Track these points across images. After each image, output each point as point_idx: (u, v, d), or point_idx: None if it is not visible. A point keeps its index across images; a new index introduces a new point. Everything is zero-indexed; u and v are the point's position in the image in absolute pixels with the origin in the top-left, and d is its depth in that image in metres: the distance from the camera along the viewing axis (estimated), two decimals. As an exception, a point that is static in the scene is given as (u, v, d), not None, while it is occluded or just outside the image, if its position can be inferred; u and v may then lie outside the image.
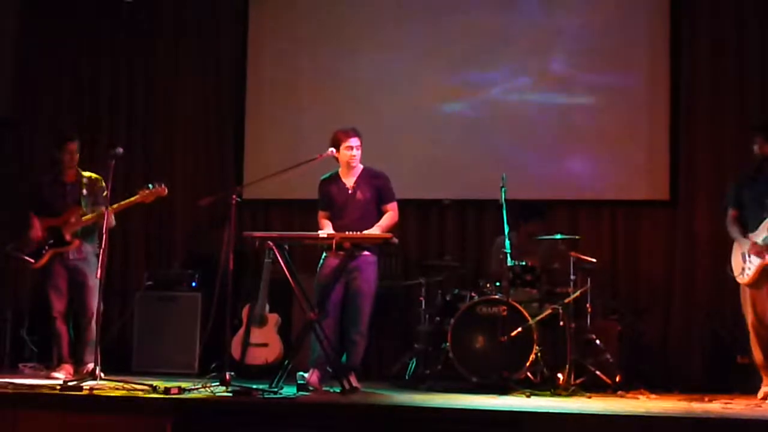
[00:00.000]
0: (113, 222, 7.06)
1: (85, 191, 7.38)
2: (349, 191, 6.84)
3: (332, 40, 8.94)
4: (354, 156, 6.81)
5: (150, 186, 7.19)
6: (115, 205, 7.11)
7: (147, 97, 9.25)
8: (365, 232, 6.63)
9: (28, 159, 9.21)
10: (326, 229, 6.70)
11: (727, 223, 6.77)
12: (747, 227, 6.60)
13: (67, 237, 7.28)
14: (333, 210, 6.86)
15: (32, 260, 7.30)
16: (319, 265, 6.81)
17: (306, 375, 6.52)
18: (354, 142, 6.80)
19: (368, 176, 6.88)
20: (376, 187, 6.85)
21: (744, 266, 6.52)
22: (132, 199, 7.21)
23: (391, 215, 6.84)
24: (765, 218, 6.44)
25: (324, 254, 6.80)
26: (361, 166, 6.93)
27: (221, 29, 9.21)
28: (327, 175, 6.97)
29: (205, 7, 9.24)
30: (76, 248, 7.31)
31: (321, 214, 6.93)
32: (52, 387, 6.09)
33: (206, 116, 9.17)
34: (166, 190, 7.23)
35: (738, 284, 6.70)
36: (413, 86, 8.75)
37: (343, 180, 6.88)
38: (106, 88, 9.28)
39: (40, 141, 9.15)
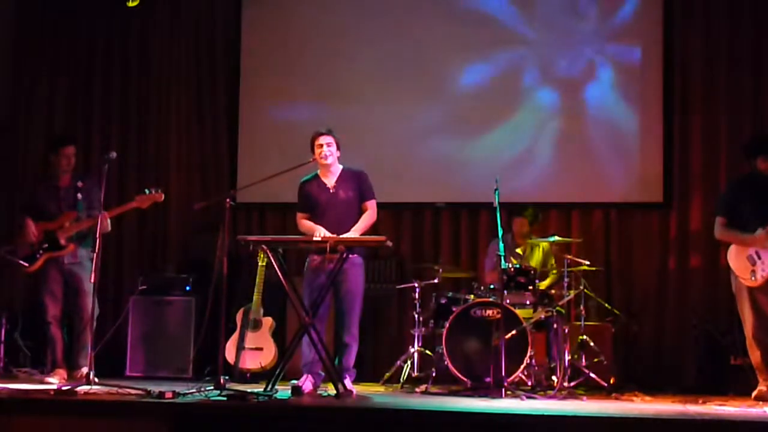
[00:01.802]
0: (109, 227, 7.04)
1: (80, 195, 7.36)
2: (331, 191, 6.81)
3: (327, 43, 8.95)
4: (324, 152, 6.77)
5: (146, 191, 7.17)
6: (111, 211, 7.10)
7: (141, 101, 9.24)
8: (347, 234, 6.62)
9: (21, 162, 9.20)
10: (316, 230, 6.65)
11: (719, 230, 6.73)
12: (745, 233, 6.59)
13: (62, 241, 7.27)
14: (315, 211, 6.80)
15: (26, 264, 7.28)
16: (305, 268, 6.80)
17: (298, 382, 6.51)
18: (323, 139, 6.78)
19: (348, 175, 6.86)
20: (357, 185, 6.83)
21: (755, 268, 6.49)
22: (128, 204, 7.19)
23: (369, 214, 6.80)
24: None
25: (309, 256, 6.78)
26: (341, 166, 6.90)
27: (215, 32, 9.22)
28: (307, 177, 6.93)
29: (200, 10, 9.24)
30: (71, 253, 7.30)
31: (300, 215, 6.87)
32: (46, 392, 6.09)
33: (200, 120, 9.17)
34: (163, 196, 7.21)
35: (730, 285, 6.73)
36: (407, 89, 8.77)
37: (324, 180, 6.86)
38: (100, 90, 9.29)
39: (33, 144, 9.15)
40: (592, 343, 7.33)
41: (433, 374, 7.20)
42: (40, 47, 9.34)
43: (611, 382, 7.17)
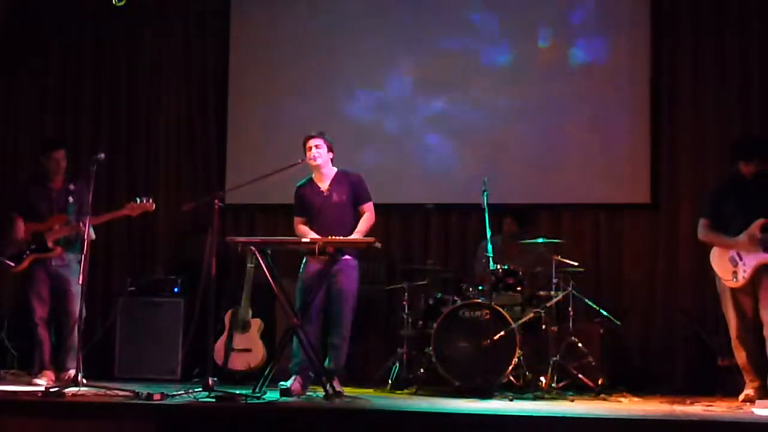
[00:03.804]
0: (93, 236, 6.97)
1: (71, 198, 7.34)
2: (325, 194, 6.83)
3: (314, 45, 8.94)
4: (313, 154, 6.80)
5: (137, 199, 7.14)
6: (101, 216, 7.09)
7: (130, 102, 9.22)
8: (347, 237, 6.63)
9: (11, 162, 9.17)
10: (308, 234, 6.68)
11: (703, 231, 6.75)
12: (728, 234, 6.60)
13: (50, 244, 7.24)
14: (310, 214, 6.84)
15: (12, 264, 7.25)
16: (301, 270, 6.80)
17: (287, 384, 6.50)
18: (312, 142, 6.81)
19: (342, 178, 6.89)
20: (351, 188, 6.84)
21: (736, 269, 6.51)
22: (118, 211, 7.17)
23: (368, 217, 6.84)
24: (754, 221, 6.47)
25: (305, 258, 6.79)
26: (335, 169, 6.92)
27: (204, 34, 9.20)
28: (302, 181, 6.97)
29: (189, 12, 9.23)
30: (58, 255, 7.27)
31: (297, 220, 6.92)
32: (34, 393, 6.07)
33: (189, 121, 9.15)
34: (154, 206, 7.19)
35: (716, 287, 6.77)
36: (397, 90, 8.77)
37: (318, 184, 6.88)
38: (89, 91, 9.26)
39: (23, 144, 9.13)
40: (580, 344, 7.33)
41: (422, 375, 7.20)
42: (29, 47, 9.30)
43: (599, 383, 7.17)
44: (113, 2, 8.39)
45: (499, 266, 7.26)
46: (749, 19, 8.24)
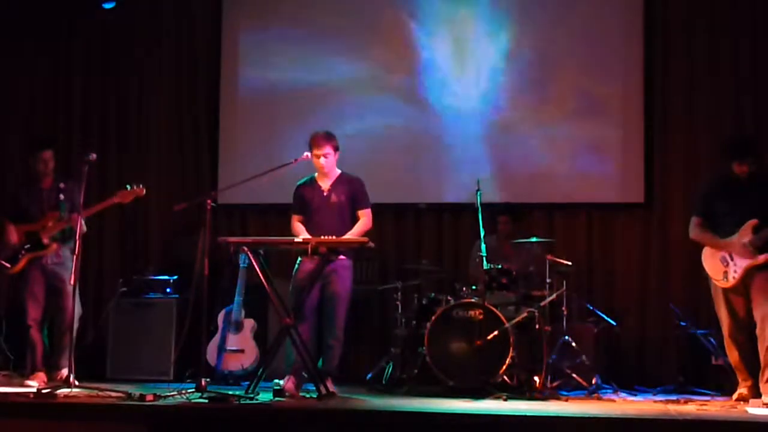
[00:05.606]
0: (84, 228, 6.96)
1: (62, 196, 7.31)
2: (324, 194, 6.84)
3: (307, 43, 8.92)
4: (322, 164, 6.83)
5: (128, 186, 7.13)
6: (92, 207, 7.07)
7: (121, 101, 9.19)
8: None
9: (0, 162, 9.13)
10: (302, 234, 6.69)
11: (694, 230, 6.76)
12: (719, 233, 6.62)
13: (45, 241, 7.22)
14: (308, 213, 6.85)
15: (8, 265, 7.23)
16: (295, 270, 6.80)
17: (282, 382, 6.50)
18: (323, 150, 6.81)
19: (344, 180, 6.91)
20: (351, 192, 6.86)
21: (727, 270, 6.52)
22: (110, 200, 7.15)
23: (364, 221, 6.84)
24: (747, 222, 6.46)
25: (299, 258, 6.79)
26: (338, 171, 6.94)
27: (195, 32, 9.18)
28: (304, 179, 6.99)
29: (180, 10, 9.21)
30: (54, 252, 7.25)
31: (294, 217, 6.93)
32: (26, 395, 6.05)
33: (181, 120, 9.13)
34: (144, 191, 7.17)
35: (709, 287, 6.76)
36: (390, 90, 8.75)
37: (319, 183, 6.90)
38: (80, 91, 9.23)
39: (14, 144, 9.09)
40: (574, 344, 7.33)
41: (416, 375, 7.19)
42: (20, 48, 9.27)
43: (593, 382, 7.18)
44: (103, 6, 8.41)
45: (492, 266, 7.25)
46: (742, 20, 8.25)
